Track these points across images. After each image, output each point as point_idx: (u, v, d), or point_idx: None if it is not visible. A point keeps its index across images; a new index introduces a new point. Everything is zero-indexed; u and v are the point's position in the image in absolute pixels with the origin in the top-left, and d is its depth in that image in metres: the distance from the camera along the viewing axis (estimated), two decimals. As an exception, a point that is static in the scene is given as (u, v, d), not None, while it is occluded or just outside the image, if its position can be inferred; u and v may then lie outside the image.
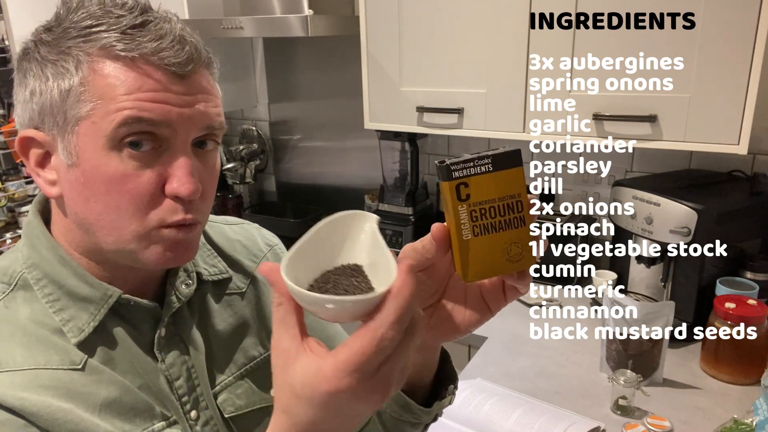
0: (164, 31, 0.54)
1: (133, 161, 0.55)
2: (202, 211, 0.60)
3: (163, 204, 0.56)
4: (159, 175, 0.56)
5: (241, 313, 0.72)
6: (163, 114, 0.54)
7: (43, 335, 0.58)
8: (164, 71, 0.54)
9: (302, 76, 2.29)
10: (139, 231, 0.57)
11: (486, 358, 1.38)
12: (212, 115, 0.58)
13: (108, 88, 0.53)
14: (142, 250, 0.58)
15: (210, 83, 0.59)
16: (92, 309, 0.60)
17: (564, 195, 1.90)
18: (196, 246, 0.62)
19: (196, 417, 0.66)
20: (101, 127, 0.54)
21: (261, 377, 0.72)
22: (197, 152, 0.59)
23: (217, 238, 0.75)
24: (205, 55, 0.58)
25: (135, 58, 0.53)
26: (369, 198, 2.20)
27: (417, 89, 1.70)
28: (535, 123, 1.54)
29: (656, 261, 1.49)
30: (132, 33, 0.54)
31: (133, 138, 0.54)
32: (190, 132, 0.57)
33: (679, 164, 1.69)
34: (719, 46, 1.27)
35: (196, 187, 0.56)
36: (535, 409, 1.13)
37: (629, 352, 1.24)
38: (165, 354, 0.64)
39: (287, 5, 1.88)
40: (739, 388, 1.23)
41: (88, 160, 0.55)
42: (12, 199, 2.82)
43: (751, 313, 1.21)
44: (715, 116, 1.31)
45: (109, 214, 0.56)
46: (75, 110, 0.55)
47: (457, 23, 1.58)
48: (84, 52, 0.54)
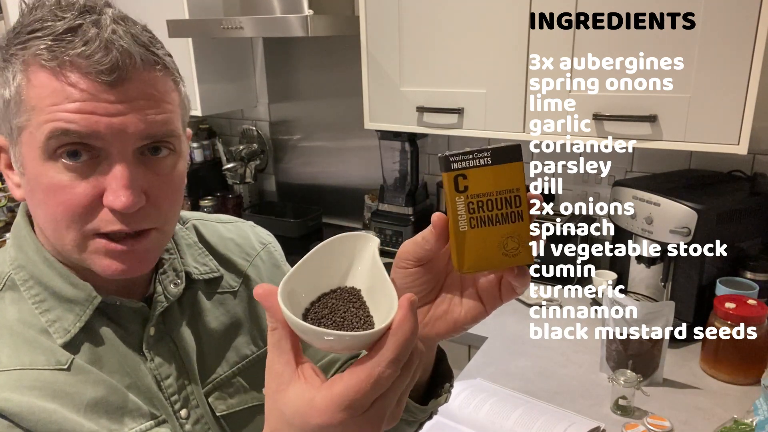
0: (90, 36, 0.51)
1: (69, 172, 0.53)
2: (155, 218, 0.57)
3: (100, 214, 0.54)
4: (94, 187, 0.53)
5: (233, 311, 0.72)
6: (89, 126, 0.51)
7: (30, 336, 0.58)
8: (91, 80, 0.51)
9: (302, 76, 2.29)
10: (76, 240, 0.55)
11: (486, 358, 1.38)
12: (153, 123, 0.54)
13: (38, 99, 0.52)
14: (88, 260, 0.56)
15: (155, 87, 0.55)
16: (78, 310, 0.59)
17: (564, 195, 1.90)
18: (152, 255, 0.60)
19: (186, 415, 0.65)
20: (36, 138, 0.52)
21: (253, 376, 0.71)
22: (147, 159, 0.56)
23: (210, 236, 0.75)
24: (143, 57, 0.53)
25: (61, 66, 0.51)
26: (369, 198, 2.20)
27: (417, 89, 1.70)
28: (535, 123, 1.54)
29: (656, 261, 1.49)
30: (62, 38, 0.51)
31: (67, 149, 0.52)
32: (125, 142, 0.53)
33: (679, 164, 1.69)
34: (719, 46, 1.27)
35: (132, 200, 0.53)
36: (535, 409, 1.13)
37: (629, 352, 1.24)
38: (154, 353, 0.64)
39: (287, 5, 1.88)
40: (739, 388, 1.23)
41: (30, 170, 0.54)
42: (12, 199, 2.82)
43: (751, 313, 1.21)
44: (715, 116, 1.31)
45: (51, 223, 0.56)
46: (15, 120, 0.54)
47: (457, 23, 1.58)
48: (20, 60, 0.53)
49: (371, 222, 2.04)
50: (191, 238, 0.72)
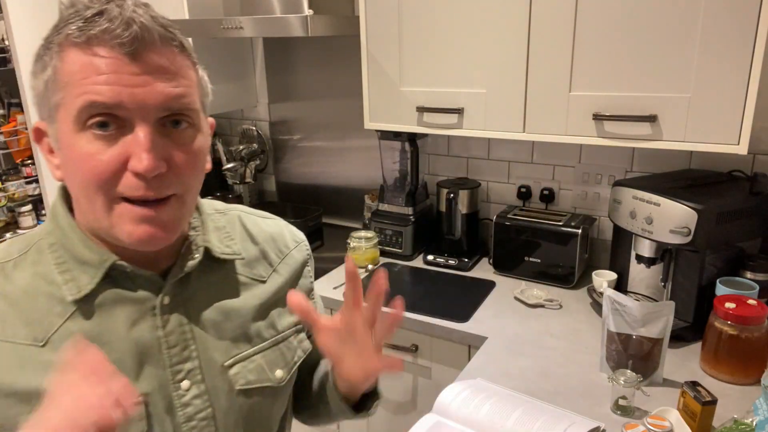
0: (114, 15, 0.57)
1: (98, 141, 0.59)
2: (176, 185, 0.62)
3: (124, 179, 0.60)
4: (120, 154, 0.59)
5: (259, 297, 0.78)
6: (114, 96, 0.57)
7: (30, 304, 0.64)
8: (115, 53, 0.57)
9: (302, 76, 2.29)
10: (105, 205, 0.61)
11: (486, 358, 1.38)
12: (171, 96, 0.60)
13: (70, 75, 0.58)
14: (115, 227, 0.62)
15: (173, 63, 0.61)
16: (92, 272, 0.66)
17: (564, 195, 1.90)
18: (175, 223, 0.64)
19: (187, 387, 0.70)
20: (69, 112, 0.59)
21: (270, 358, 0.78)
22: (169, 131, 0.62)
23: (252, 228, 0.83)
24: (160, 34, 0.59)
25: (87, 41, 0.57)
26: (369, 198, 2.20)
27: (417, 89, 1.70)
28: (535, 123, 1.55)
29: (656, 261, 1.49)
30: (90, 20, 0.58)
31: (96, 120, 0.58)
32: (147, 112, 0.59)
33: (679, 164, 1.69)
34: (719, 46, 1.27)
35: (155, 164, 0.58)
36: (535, 409, 1.13)
37: (629, 352, 1.24)
38: (165, 321, 0.69)
39: (287, 5, 1.88)
40: (739, 388, 1.23)
41: (64, 143, 0.60)
42: (12, 199, 2.82)
43: (751, 313, 1.21)
44: (715, 116, 1.31)
45: (83, 191, 0.61)
46: (53, 99, 0.60)
47: (457, 23, 1.58)
48: (56, 44, 0.59)
49: (371, 222, 2.04)
50: (221, 222, 0.79)
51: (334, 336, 0.72)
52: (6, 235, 2.84)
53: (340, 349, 0.73)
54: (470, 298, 1.68)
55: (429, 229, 2.04)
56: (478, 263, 1.94)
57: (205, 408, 0.71)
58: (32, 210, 2.88)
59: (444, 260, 1.90)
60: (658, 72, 1.36)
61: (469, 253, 1.94)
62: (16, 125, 2.79)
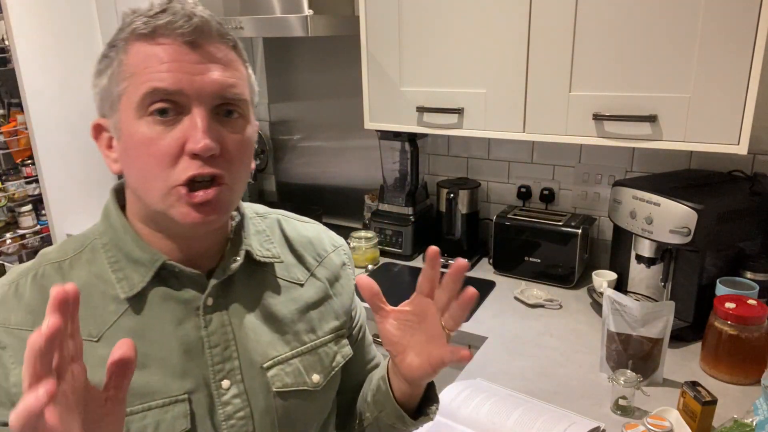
0: (176, 10, 0.63)
1: (158, 126, 0.63)
2: (228, 171, 0.66)
3: (182, 162, 0.63)
4: (178, 138, 0.63)
5: (298, 300, 0.80)
6: (176, 82, 0.62)
7: (86, 300, 0.67)
8: (177, 43, 0.62)
9: (302, 76, 2.29)
10: (163, 188, 0.64)
11: (486, 358, 1.38)
12: (225, 84, 0.64)
13: (135, 66, 0.63)
14: (170, 209, 0.65)
15: (227, 57, 0.66)
16: (143, 271, 0.69)
17: (564, 195, 1.90)
18: (225, 207, 0.67)
19: (227, 386, 0.72)
20: (132, 100, 0.63)
21: (307, 362, 0.79)
22: (222, 120, 0.66)
23: (290, 232, 0.85)
24: (217, 29, 0.65)
25: (152, 33, 0.62)
26: (369, 198, 2.20)
27: (417, 89, 1.70)
28: (535, 123, 1.55)
29: (656, 261, 1.49)
30: (154, 16, 0.63)
31: (157, 106, 0.62)
32: (204, 99, 0.63)
33: (679, 164, 1.69)
34: (719, 46, 1.27)
35: (209, 144, 0.62)
36: (535, 409, 1.13)
37: (629, 352, 1.24)
38: (208, 321, 0.72)
39: (287, 5, 1.88)
40: (739, 388, 1.23)
41: (125, 131, 0.64)
42: (12, 199, 2.82)
43: (751, 313, 1.21)
44: (715, 116, 1.31)
45: (142, 176, 0.65)
46: (117, 89, 0.64)
47: (457, 23, 1.58)
48: (122, 39, 0.65)
49: (371, 222, 2.04)
50: (261, 226, 0.82)
51: (400, 323, 0.71)
52: (6, 235, 2.84)
53: (405, 338, 0.71)
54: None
55: (429, 229, 2.04)
56: (478, 263, 1.94)
57: (243, 407, 0.72)
58: (32, 210, 2.88)
59: (444, 260, 1.89)
60: (658, 72, 1.36)
61: (469, 253, 1.94)
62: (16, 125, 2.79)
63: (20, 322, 0.66)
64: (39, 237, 2.92)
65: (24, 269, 0.71)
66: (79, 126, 2.35)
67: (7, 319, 0.66)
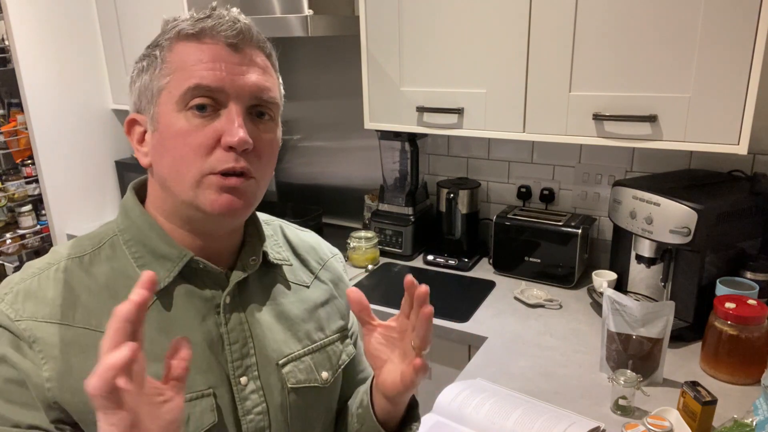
0: (221, 15, 0.68)
1: (196, 119, 0.66)
2: (256, 167, 0.69)
3: (216, 153, 0.66)
4: (215, 131, 0.66)
5: (306, 301, 0.84)
6: (218, 80, 0.66)
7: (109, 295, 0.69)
8: (221, 44, 0.67)
9: (302, 76, 2.29)
10: (195, 176, 0.67)
11: (486, 358, 1.38)
12: (262, 87, 0.69)
13: (180, 62, 0.67)
14: (199, 197, 0.67)
15: (264, 63, 0.71)
16: (169, 266, 0.71)
17: (564, 195, 1.90)
18: (250, 199, 0.71)
19: (246, 382, 0.74)
20: (174, 94, 0.67)
21: (317, 359, 0.82)
22: (255, 120, 0.70)
23: (292, 237, 0.89)
24: (257, 36, 0.70)
25: (198, 34, 0.67)
26: (369, 198, 2.20)
27: (417, 89, 1.70)
28: (535, 123, 1.55)
29: (656, 261, 1.49)
30: (200, 19, 0.68)
31: (197, 101, 0.66)
32: (242, 97, 0.67)
33: (679, 164, 1.69)
34: (719, 46, 1.27)
35: (246, 138, 0.66)
36: (535, 409, 1.13)
37: (629, 352, 1.24)
38: (228, 318, 0.74)
39: (287, 5, 1.88)
40: (739, 388, 1.23)
41: (163, 123, 0.68)
42: (12, 199, 2.82)
43: (751, 313, 1.21)
44: (715, 116, 1.31)
45: (176, 164, 0.67)
46: (158, 84, 0.68)
47: (457, 23, 1.58)
48: (166, 39, 0.69)
49: (371, 222, 2.04)
50: (269, 231, 0.85)
51: (385, 338, 0.75)
52: (6, 235, 2.84)
53: (385, 353, 0.75)
54: (470, 298, 1.68)
55: (429, 229, 2.04)
56: (478, 263, 1.94)
57: (260, 403, 0.75)
58: (32, 210, 2.88)
59: (444, 260, 1.90)
60: (658, 72, 1.36)
61: (469, 253, 1.94)
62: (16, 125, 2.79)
63: (48, 316, 0.67)
64: (39, 237, 2.92)
65: (42, 265, 0.71)
66: (79, 126, 2.35)
67: (35, 312, 0.67)
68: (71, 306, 0.68)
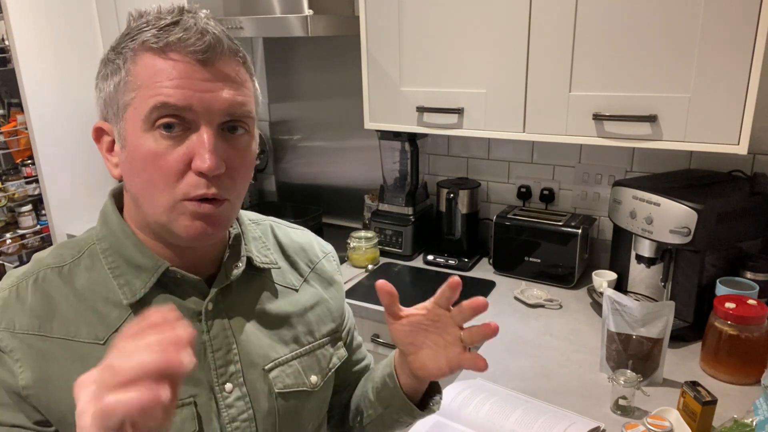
0: (189, 25, 0.62)
1: (165, 141, 0.62)
2: (230, 189, 0.66)
3: (188, 178, 0.63)
4: (185, 154, 0.63)
5: (294, 304, 0.82)
6: (185, 99, 0.61)
7: (88, 305, 0.68)
8: (189, 59, 0.62)
9: (302, 76, 2.29)
10: (168, 202, 0.64)
11: (486, 358, 1.38)
12: (234, 103, 0.64)
13: (144, 78, 0.62)
14: (173, 222, 0.65)
15: (238, 74, 0.66)
16: (144, 276, 0.69)
17: (564, 195, 1.90)
18: (225, 222, 0.68)
19: (230, 389, 0.73)
20: (139, 111, 0.62)
21: (306, 363, 0.81)
22: (227, 136, 0.66)
23: (283, 238, 0.87)
24: (228, 46, 0.65)
25: (163, 48, 0.62)
26: (369, 198, 2.20)
27: (417, 89, 1.70)
28: (535, 123, 1.55)
29: (656, 261, 1.49)
30: (166, 29, 0.62)
31: (164, 121, 0.62)
32: (212, 116, 0.63)
33: (679, 164, 1.69)
34: (719, 46, 1.27)
35: (216, 164, 0.62)
36: (535, 409, 1.13)
37: (629, 352, 1.24)
38: (209, 326, 0.72)
39: (287, 5, 1.88)
40: (739, 388, 1.23)
41: (131, 142, 0.64)
42: (12, 199, 2.82)
43: (751, 313, 1.21)
44: (715, 116, 1.31)
45: (147, 188, 0.65)
46: (123, 99, 0.64)
47: (457, 23, 1.58)
48: (130, 48, 0.64)
49: (371, 222, 2.04)
50: (257, 233, 0.83)
51: (413, 325, 0.75)
52: (6, 235, 2.84)
53: (418, 339, 0.75)
54: (470, 298, 1.67)
55: (429, 229, 2.04)
56: (478, 263, 1.94)
57: (246, 409, 0.74)
58: (32, 210, 2.88)
59: (444, 260, 1.90)
60: (658, 72, 1.36)
61: (469, 253, 1.94)
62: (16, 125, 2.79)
63: (25, 327, 0.66)
64: (39, 237, 2.92)
65: (21, 273, 0.70)
66: (79, 126, 2.35)
67: (12, 323, 0.66)
68: (49, 317, 0.67)
